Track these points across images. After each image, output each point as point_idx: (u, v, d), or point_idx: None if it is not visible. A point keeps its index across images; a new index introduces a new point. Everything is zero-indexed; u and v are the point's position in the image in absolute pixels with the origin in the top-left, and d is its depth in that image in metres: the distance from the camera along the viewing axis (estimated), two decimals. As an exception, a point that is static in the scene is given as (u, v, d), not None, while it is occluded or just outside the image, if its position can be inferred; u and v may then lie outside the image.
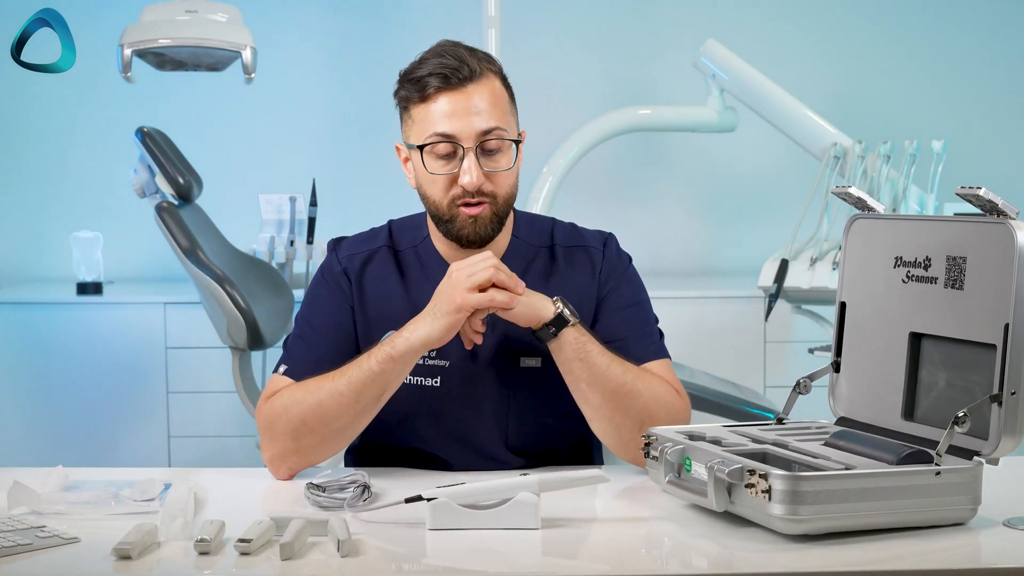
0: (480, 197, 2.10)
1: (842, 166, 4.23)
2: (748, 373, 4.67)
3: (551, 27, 5.40)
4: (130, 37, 3.97)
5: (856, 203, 1.98)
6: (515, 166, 2.14)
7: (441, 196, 2.11)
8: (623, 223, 5.31)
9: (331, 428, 2.05)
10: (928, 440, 1.77)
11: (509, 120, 2.13)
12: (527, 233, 2.26)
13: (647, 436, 1.91)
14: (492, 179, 2.10)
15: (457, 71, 2.08)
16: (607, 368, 2.05)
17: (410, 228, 2.27)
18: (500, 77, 2.16)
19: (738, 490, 1.70)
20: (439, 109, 2.08)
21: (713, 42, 4.47)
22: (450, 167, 2.09)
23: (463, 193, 2.09)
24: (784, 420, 2.02)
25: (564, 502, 1.90)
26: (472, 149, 2.07)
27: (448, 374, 2.16)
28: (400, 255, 2.24)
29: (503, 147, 2.11)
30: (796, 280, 4.05)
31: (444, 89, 2.08)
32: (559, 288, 2.17)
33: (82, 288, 4.85)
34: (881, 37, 5.45)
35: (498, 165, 2.11)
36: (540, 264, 2.23)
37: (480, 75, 2.10)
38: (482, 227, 2.12)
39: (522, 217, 2.28)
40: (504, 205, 2.14)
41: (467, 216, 2.11)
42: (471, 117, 2.07)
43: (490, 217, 2.12)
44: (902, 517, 1.68)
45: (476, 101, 2.08)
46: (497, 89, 2.13)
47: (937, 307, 1.81)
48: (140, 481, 1.93)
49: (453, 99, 2.08)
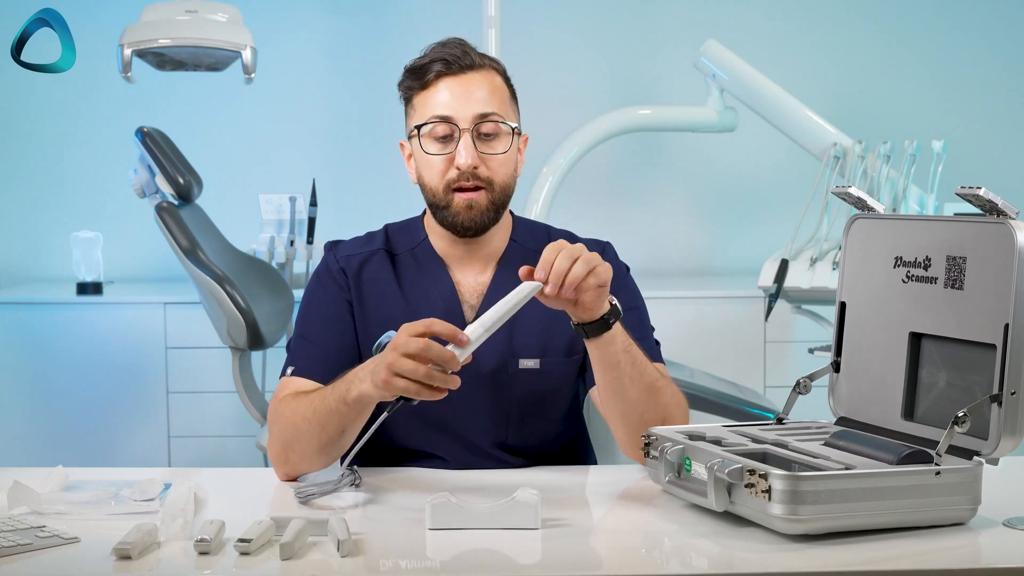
0: (475, 181, 2.12)
1: (842, 166, 4.23)
2: (748, 373, 4.67)
3: (551, 27, 5.40)
4: (130, 37, 3.97)
5: (856, 203, 1.98)
6: (511, 153, 2.16)
7: (438, 180, 2.14)
8: (623, 223, 5.34)
9: (308, 448, 2.03)
10: (928, 440, 1.77)
11: (508, 111, 2.17)
12: (525, 238, 2.27)
13: (647, 436, 1.91)
14: (488, 164, 2.13)
15: (459, 59, 2.13)
16: (645, 362, 2.04)
17: (407, 231, 2.29)
18: (502, 75, 2.20)
19: (738, 490, 1.70)
20: (439, 94, 2.13)
21: (713, 42, 4.47)
22: (447, 149, 2.13)
23: (458, 176, 2.12)
24: (784, 420, 2.02)
25: (564, 502, 1.90)
26: (468, 131, 2.11)
27: None
28: (397, 258, 2.25)
29: (500, 133, 2.14)
30: (796, 280, 4.05)
31: (445, 75, 2.13)
32: None
33: (82, 288, 4.85)
34: (881, 37, 5.45)
35: (494, 149, 2.13)
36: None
37: (481, 66, 2.16)
38: (477, 214, 2.14)
39: (520, 223, 2.30)
40: (500, 193, 2.16)
41: (462, 201, 2.13)
42: (469, 100, 2.12)
43: (486, 205, 2.14)
44: (902, 517, 1.68)
45: (475, 87, 2.13)
46: (498, 82, 2.18)
47: (937, 307, 1.81)
48: (140, 481, 1.93)
49: (453, 84, 2.13)
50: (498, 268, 2.23)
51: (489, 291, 2.20)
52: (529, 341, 2.17)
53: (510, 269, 2.16)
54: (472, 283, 2.22)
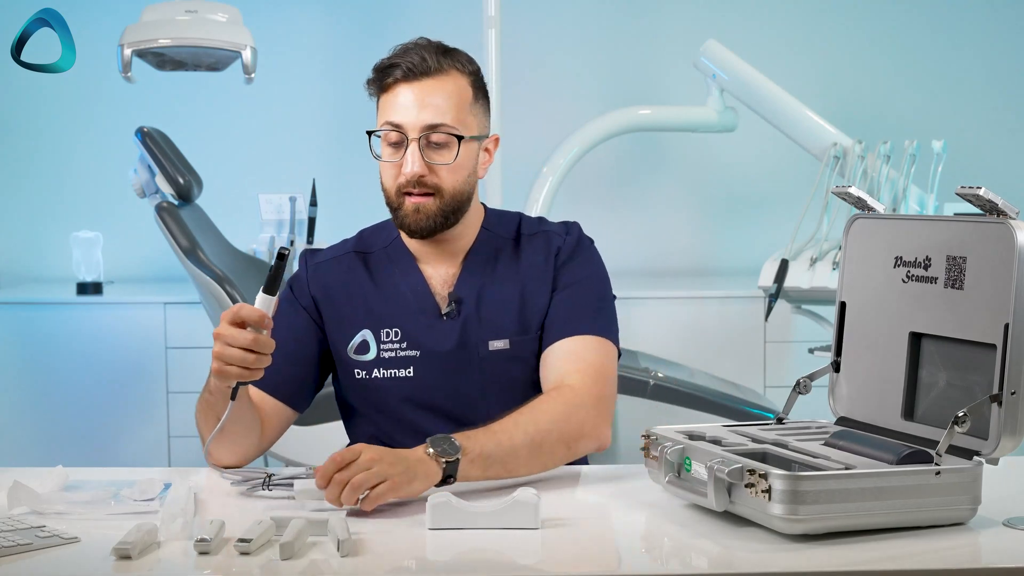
0: (423, 188, 2.16)
1: (842, 166, 4.23)
2: (748, 373, 4.67)
3: (551, 27, 5.40)
4: (130, 37, 3.97)
5: (856, 203, 1.98)
6: (462, 161, 2.18)
7: (390, 184, 2.19)
8: (623, 224, 5.34)
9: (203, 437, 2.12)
10: (928, 440, 1.77)
11: (465, 118, 2.19)
12: (496, 226, 2.32)
13: (646, 435, 1.91)
14: (436, 172, 2.17)
15: (417, 66, 2.16)
16: (510, 450, 1.99)
17: (380, 231, 2.35)
18: (470, 76, 2.22)
19: (738, 490, 1.70)
20: (395, 99, 2.17)
21: (713, 42, 4.47)
22: (397, 155, 2.17)
23: (406, 182, 2.16)
24: (784, 420, 2.02)
25: (564, 502, 1.90)
26: (416, 140, 2.15)
27: (420, 363, 2.22)
28: (369, 257, 2.31)
29: (450, 143, 2.16)
30: (796, 280, 4.06)
31: (402, 81, 2.17)
32: (519, 271, 2.25)
33: (82, 288, 4.85)
34: (881, 37, 5.46)
35: (443, 159, 2.16)
36: (506, 253, 2.29)
37: (441, 71, 2.18)
38: (424, 217, 2.18)
39: (492, 213, 2.34)
40: (451, 200, 2.19)
41: (411, 205, 2.17)
42: (420, 110, 2.15)
43: (435, 210, 2.18)
44: (902, 517, 1.68)
45: (429, 95, 2.16)
46: (459, 87, 2.19)
47: (937, 307, 1.81)
48: (140, 481, 1.93)
49: (408, 91, 2.16)
50: (466, 259, 2.27)
51: (458, 281, 2.24)
52: (495, 322, 2.22)
53: (479, 256, 2.25)
54: (443, 275, 2.26)
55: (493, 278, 2.25)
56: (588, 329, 2.21)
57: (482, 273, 2.25)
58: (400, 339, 2.22)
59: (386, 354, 2.21)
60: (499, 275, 2.25)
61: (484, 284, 2.24)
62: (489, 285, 2.24)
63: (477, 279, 2.25)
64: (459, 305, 2.22)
